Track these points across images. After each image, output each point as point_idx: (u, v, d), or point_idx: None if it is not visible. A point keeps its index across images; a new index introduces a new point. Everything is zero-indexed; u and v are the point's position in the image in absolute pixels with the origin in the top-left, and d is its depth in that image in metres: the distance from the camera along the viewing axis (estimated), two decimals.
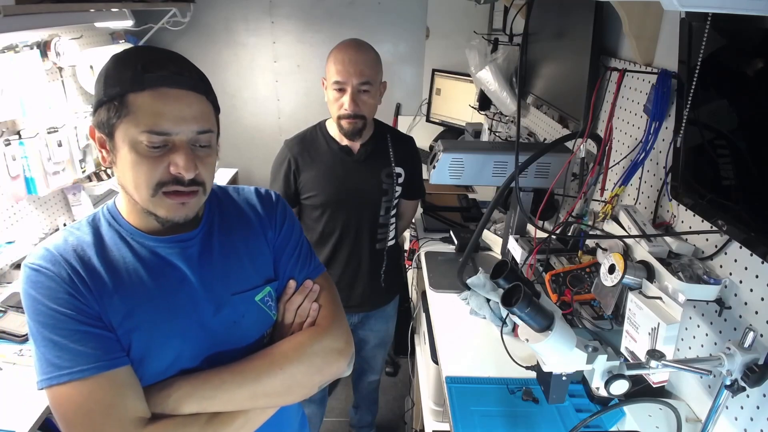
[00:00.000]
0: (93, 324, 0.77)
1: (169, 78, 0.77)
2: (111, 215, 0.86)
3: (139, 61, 0.77)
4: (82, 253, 0.80)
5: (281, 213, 1.00)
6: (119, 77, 0.77)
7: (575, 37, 1.65)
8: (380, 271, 1.85)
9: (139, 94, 0.76)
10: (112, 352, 0.77)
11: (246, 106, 3.38)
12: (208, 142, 0.82)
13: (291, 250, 0.99)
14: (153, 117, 0.76)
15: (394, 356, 2.85)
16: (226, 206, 0.96)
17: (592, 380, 0.88)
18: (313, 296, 0.98)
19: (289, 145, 1.72)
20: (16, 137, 1.92)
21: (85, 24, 2.38)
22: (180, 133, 0.78)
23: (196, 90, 0.80)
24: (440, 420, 1.60)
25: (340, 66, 1.57)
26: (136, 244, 0.84)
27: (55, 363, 0.74)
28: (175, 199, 0.80)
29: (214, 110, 0.84)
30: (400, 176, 1.77)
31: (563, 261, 1.36)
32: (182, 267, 0.86)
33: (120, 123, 0.77)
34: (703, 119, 1.03)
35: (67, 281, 0.77)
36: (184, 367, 0.84)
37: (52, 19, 1.82)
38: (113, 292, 0.79)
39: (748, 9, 0.60)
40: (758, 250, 0.91)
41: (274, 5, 3.16)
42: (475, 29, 2.82)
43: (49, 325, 0.75)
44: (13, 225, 2.01)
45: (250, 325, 0.91)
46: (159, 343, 0.82)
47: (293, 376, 0.87)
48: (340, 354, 0.93)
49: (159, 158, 0.77)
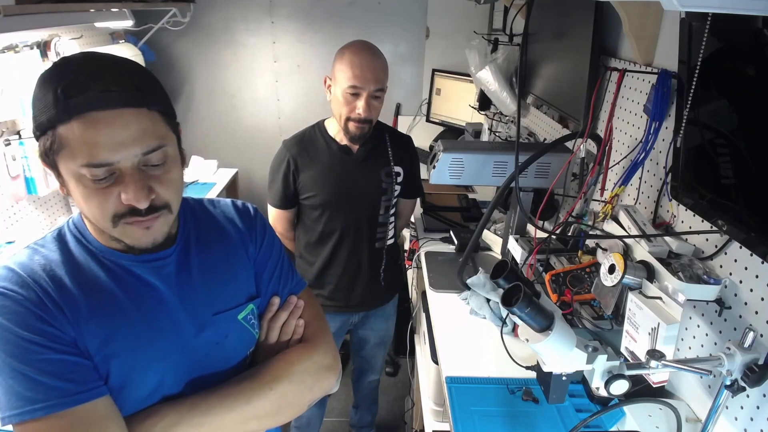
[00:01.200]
0: (68, 351, 0.70)
1: (94, 100, 0.67)
2: (78, 231, 0.79)
3: (59, 83, 0.67)
4: (52, 273, 0.73)
5: (261, 227, 0.95)
6: (44, 105, 0.68)
7: (575, 37, 1.65)
8: (380, 270, 1.85)
9: (68, 125, 0.67)
10: (90, 381, 0.71)
11: (246, 106, 3.38)
12: (161, 160, 0.73)
13: (273, 265, 0.94)
14: (87, 148, 0.67)
15: (394, 356, 2.85)
16: (202, 220, 0.90)
17: (592, 380, 0.88)
18: (297, 312, 0.94)
19: (287, 145, 1.72)
20: (16, 137, 1.92)
21: (85, 24, 2.38)
22: (122, 160, 0.69)
23: (131, 105, 0.69)
24: (440, 420, 1.60)
25: (358, 71, 1.55)
26: (109, 262, 0.78)
27: (27, 396, 0.67)
28: (138, 226, 0.73)
29: (163, 119, 0.74)
30: (399, 175, 1.77)
31: (563, 261, 1.36)
32: (160, 287, 0.80)
33: (58, 158, 0.70)
34: (703, 119, 1.03)
35: (38, 305, 0.70)
36: (166, 393, 0.79)
37: (52, 19, 1.82)
38: (89, 317, 0.73)
39: (748, 9, 0.60)
40: (758, 250, 0.91)
41: (274, 5, 3.16)
42: (475, 29, 2.82)
43: (18, 356, 0.68)
44: (13, 225, 2.01)
45: (233, 345, 0.87)
46: (140, 369, 0.76)
47: (284, 396, 0.84)
48: (329, 370, 0.91)
49: (107, 189, 0.70)
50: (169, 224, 0.78)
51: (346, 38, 1.70)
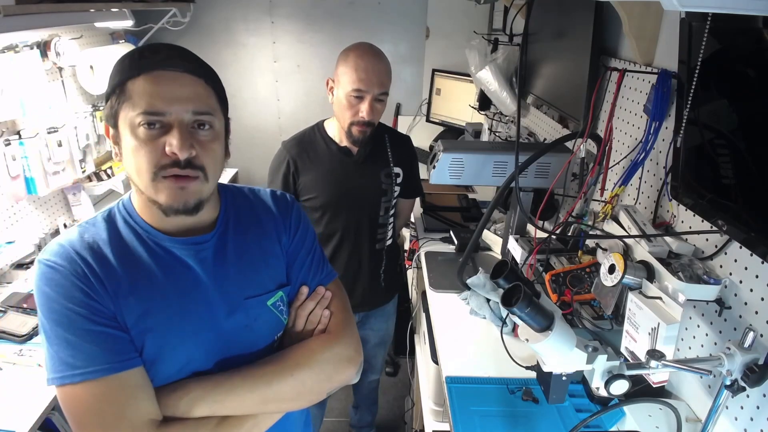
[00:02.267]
0: (107, 324, 0.76)
1: (163, 61, 0.78)
2: (127, 211, 0.85)
3: (137, 49, 0.80)
4: (98, 250, 0.79)
5: (296, 217, 0.99)
6: (120, 68, 0.79)
7: (575, 37, 1.65)
8: (380, 270, 1.85)
9: (136, 80, 0.77)
10: (126, 353, 0.77)
11: (246, 106, 3.38)
12: (208, 126, 0.80)
13: (304, 255, 0.98)
14: (147, 98, 0.76)
15: (394, 356, 2.85)
16: (241, 207, 0.95)
17: (592, 380, 0.88)
18: (324, 303, 0.97)
19: (287, 146, 1.72)
20: (16, 137, 1.92)
21: (85, 24, 2.38)
22: (173, 112, 0.77)
23: (193, 73, 0.80)
24: (440, 420, 1.60)
25: (363, 74, 1.55)
26: (151, 243, 0.83)
27: (68, 362, 0.74)
28: (173, 183, 0.78)
29: (217, 98, 0.83)
30: (399, 176, 1.77)
31: (563, 261, 1.36)
32: (197, 269, 0.85)
33: (121, 110, 0.78)
34: (703, 119, 1.03)
35: (83, 279, 0.76)
36: (195, 369, 0.84)
37: (52, 19, 1.82)
38: (129, 293, 0.78)
39: (748, 9, 0.60)
40: (758, 250, 0.91)
41: (274, 5, 3.16)
42: (475, 29, 2.82)
43: (63, 324, 0.75)
44: (13, 225, 2.01)
45: (261, 329, 0.91)
46: (172, 345, 0.81)
47: (303, 383, 0.87)
48: (349, 362, 0.93)
49: (156, 141, 0.77)
50: (202, 192, 0.82)
51: (346, 38, 1.69)
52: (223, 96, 0.86)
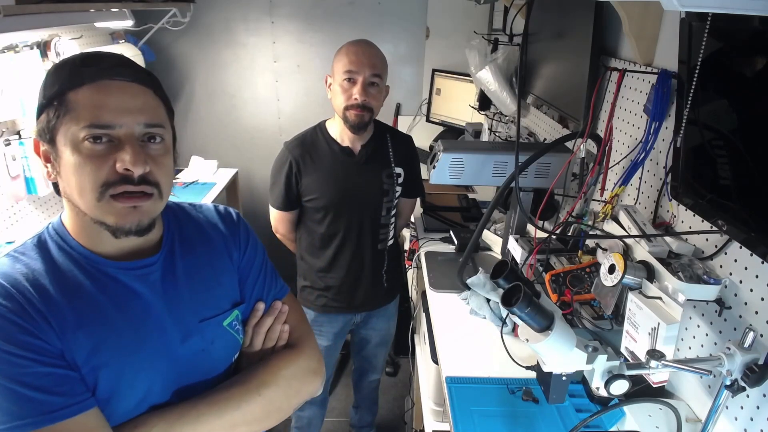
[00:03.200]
0: (55, 364, 0.69)
1: (109, 69, 0.72)
2: (59, 236, 0.78)
3: (77, 57, 0.74)
4: (36, 282, 0.71)
5: (244, 232, 0.94)
6: (58, 77, 0.72)
7: (575, 37, 1.65)
8: (382, 271, 1.86)
9: (79, 90, 0.70)
10: (79, 393, 0.70)
11: (246, 106, 3.38)
12: (159, 138, 0.75)
13: (257, 271, 0.94)
14: (93, 110, 0.69)
15: (394, 356, 2.85)
16: (185, 224, 0.89)
17: (592, 380, 0.88)
18: (282, 317, 0.94)
19: (289, 147, 1.72)
20: (16, 137, 1.92)
21: (85, 24, 2.38)
22: (124, 125, 0.71)
23: (141, 83, 0.74)
24: (440, 420, 1.60)
25: (353, 57, 1.58)
26: (92, 269, 0.76)
27: (14, 411, 0.66)
28: (125, 203, 0.72)
29: (165, 109, 0.78)
30: (400, 176, 1.78)
31: (563, 261, 1.36)
32: (146, 294, 0.79)
33: (60, 124, 0.71)
34: (703, 119, 1.03)
35: (23, 316, 0.68)
36: (153, 402, 0.78)
37: (52, 19, 1.82)
38: (76, 327, 0.71)
39: (748, 9, 0.60)
40: (758, 250, 0.91)
41: (274, 5, 3.16)
42: (475, 29, 2.82)
43: (3, 370, 0.66)
44: (13, 225, 2.01)
45: (218, 352, 0.86)
46: (128, 378, 0.75)
47: (272, 401, 0.84)
48: (314, 374, 0.92)
49: (103, 157, 0.70)
50: (155, 211, 0.77)
51: (346, 38, 1.70)
52: (170, 106, 0.80)
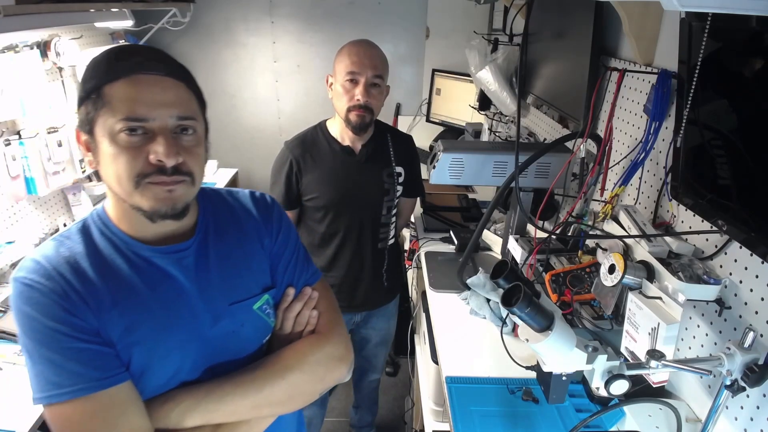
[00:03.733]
0: (91, 340, 0.74)
1: (142, 64, 0.75)
2: (102, 222, 0.82)
3: (113, 51, 0.77)
4: (76, 265, 0.76)
5: (277, 218, 0.97)
6: (95, 71, 0.75)
7: (575, 37, 1.65)
8: (382, 270, 1.85)
9: (114, 84, 0.73)
10: (113, 368, 0.75)
11: (246, 106, 3.38)
12: (192, 130, 0.78)
13: (288, 256, 0.96)
14: (127, 103, 0.73)
15: (394, 356, 2.85)
16: (220, 210, 0.92)
17: (592, 380, 0.88)
18: (312, 303, 0.96)
19: (290, 146, 1.72)
20: (16, 137, 1.92)
21: (85, 24, 2.38)
22: (157, 118, 0.74)
23: (174, 76, 0.77)
24: (440, 420, 1.60)
25: (355, 58, 1.58)
26: (131, 253, 0.80)
27: (54, 381, 0.72)
28: (161, 187, 0.75)
29: (197, 102, 0.81)
30: (401, 176, 1.78)
31: (563, 261, 1.36)
32: (179, 277, 0.83)
33: (98, 116, 0.74)
34: (703, 119, 1.03)
35: (63, 297, 0.73)
36: (184, 379, 0.82)
37: (52, 19, 1.82)
38: (112, 306, 0.76)
39: (748, 9, 0.60)
40: (758, 250, 0.91)
41: (274, 5, 3.16)
42: (475, 29, 2.82)
43: (46, 343, 0.72)
44: (13, 225, 2.01)
45: (248, 334, 0.90)
46: (159, 356, 0.79)
47: (296, 385, 0.86)
48: (340, 361, 0.92)
49: (138, 148, 0.74)
50: (189, 196, 0.80)
51: (346, 38, 1.70)
52: (202, 99, 0.84)
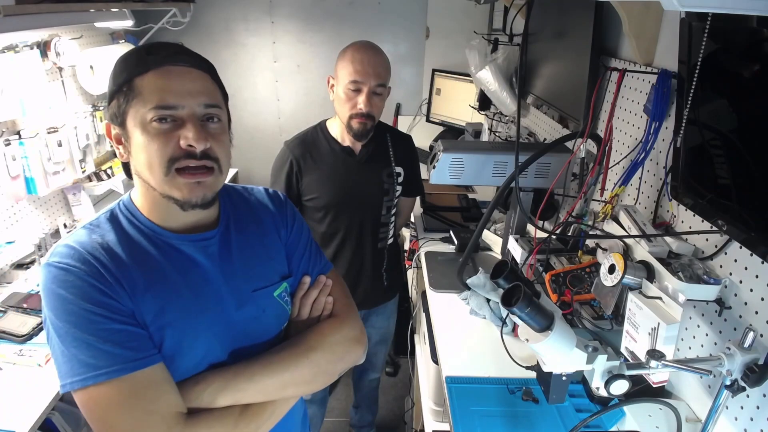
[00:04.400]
0: (127, 322, 0.77)
1: (170, 57, 0.80)
2: (129, 211, 0.86)
3: (142, 47, 0.82)
4: (109, 249, 0.79)
5: (291, 212, 1.04)
6: (125, 65, 0.80)
7: (575, 37, 1.65)
8: (382, 269, 1.86)
9: (144, 76, 0.78)
10: (148, 349, 0.77)
11: (246, 106, 3.38)
12: (218, 119, 0.83)
13: (303, 247, 1.02)
14: (158, 93, 0.77)
15: (394, 356, 2.85)
16: (238, 205, 0.98)
17: (592, 380, 0.88)
18: (327, 290, 1.02)
19: (290, 146, 1.72)
20: (16, 137, 1.92)
21: (85, 24, 2.38)
22: (186, 106, 0.79)
23: (200, 68, 0.83)
24: (440, 420, 1.60)
25: (359, 66, 1.57)
26: (159, 241, 0.84)
27: (90, 363, 0.73)
28: (190, 179, 0.79)
29: (221, 93, 0.86)
30: (400, 175, 1.78)
31: (563, 261, 1.36)
32: (205, 264, 0.87)
33: (129, 107, 0.78)
34: (703, 119, 1.03)
35: (99, 278, 0.76)
36: (212, 361, 0.86)
37: (52, 19, 1.82)
38: (145, 290, 0.79)
39: (748, 9, 0.60)
40: (758, 250, 0.91)
41: (274, 5, 3.16)
42: (475, 29, 2.82)
43: (81, 325, 0.74)
44: (13, 225, 2.00)
45: (269, 319, 0.94)
46: (190, 338, 0.82)
47: (318, 365, 0.91)
48: (357, 342, 0.98)
49: (169, 134, 0.78)
50: (217, 185, 0.85)
51: (346, 38, 1.70)
52: (224, 91, 0.88)
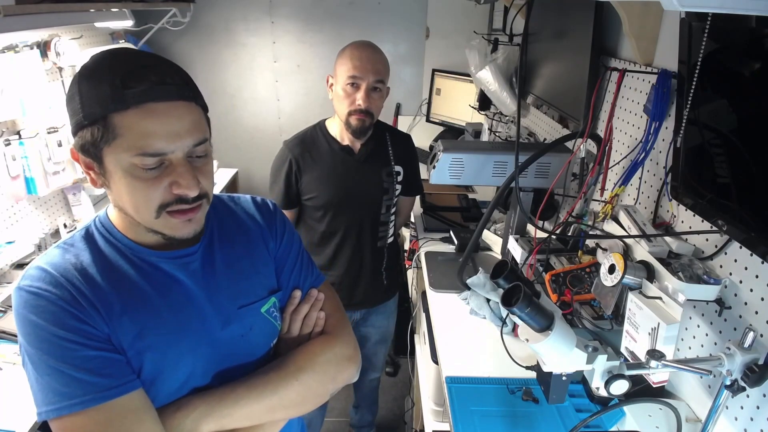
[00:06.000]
0: (103, 348, 0.73)
1: (152, 90, 0.69)
2: (105, 229, 0.81)
3: (116, 74, 0.69)
4: (84, 271, 0.75)
5: (281, 223, 0.98)
6: (97, 95, 0.69)
7: (575, 37, 1.65)
8: (381, 268, 1.86)
9: (124, 114, 0.68)
10: (124, 375, 0.73)
11: (246, 106, 3.38)
12: (204, 152, 0.77)
13: (293, 260, 0.97)
14: (143, 138, 0.69)
15: (394, 356, 2.85)
16: (223, 216, 0.93)
17: (592, 380, 0.88)
18: (318, 305, 0.97)
19: (289, 146, 1.72)
20: (16, 137, 1.92)
21: (85, 24, 2.38)
22: (176, 150, 0.72)
23: (184, 98, 0.73)
24: (440, 420, 1.60)
25: (357, 62, 1.57)
26: (137, 259, 0.80)
27: (64, 392, 0.69)
28: (181, 218, 0.76)
29: (204, 114, 0.79)
30: (399, 174, 1.78)
31: (563, 261, 1.36)
32: (187, 282, 0.82)
33: (107, 147, 0.70)
34: (703, 119, 1.03)
35: (72, 304, 0.72)
36: (195, 385, 0.82)
37: (52, 19, 1.82)
38: (122, 313, 0.75)
39: (748, 9, 0.60)
40: (758, 250, 0.91)
41: (274, 5, 3.16)
42: (475, 29, 2.82)
43: (54, 353, 0.70)
44: (13, 225, 2.01)
45: (257, 337, 0.89)
46: (171, 362, 0.79)
47: (308, 386, 0.86)
48: (350, 360, 0.93)
49: (157, 179, 0.72)
50: (204, 214, 0.81)
51: (346, 38, 1.70)
52: (205, 105, 0.80)
